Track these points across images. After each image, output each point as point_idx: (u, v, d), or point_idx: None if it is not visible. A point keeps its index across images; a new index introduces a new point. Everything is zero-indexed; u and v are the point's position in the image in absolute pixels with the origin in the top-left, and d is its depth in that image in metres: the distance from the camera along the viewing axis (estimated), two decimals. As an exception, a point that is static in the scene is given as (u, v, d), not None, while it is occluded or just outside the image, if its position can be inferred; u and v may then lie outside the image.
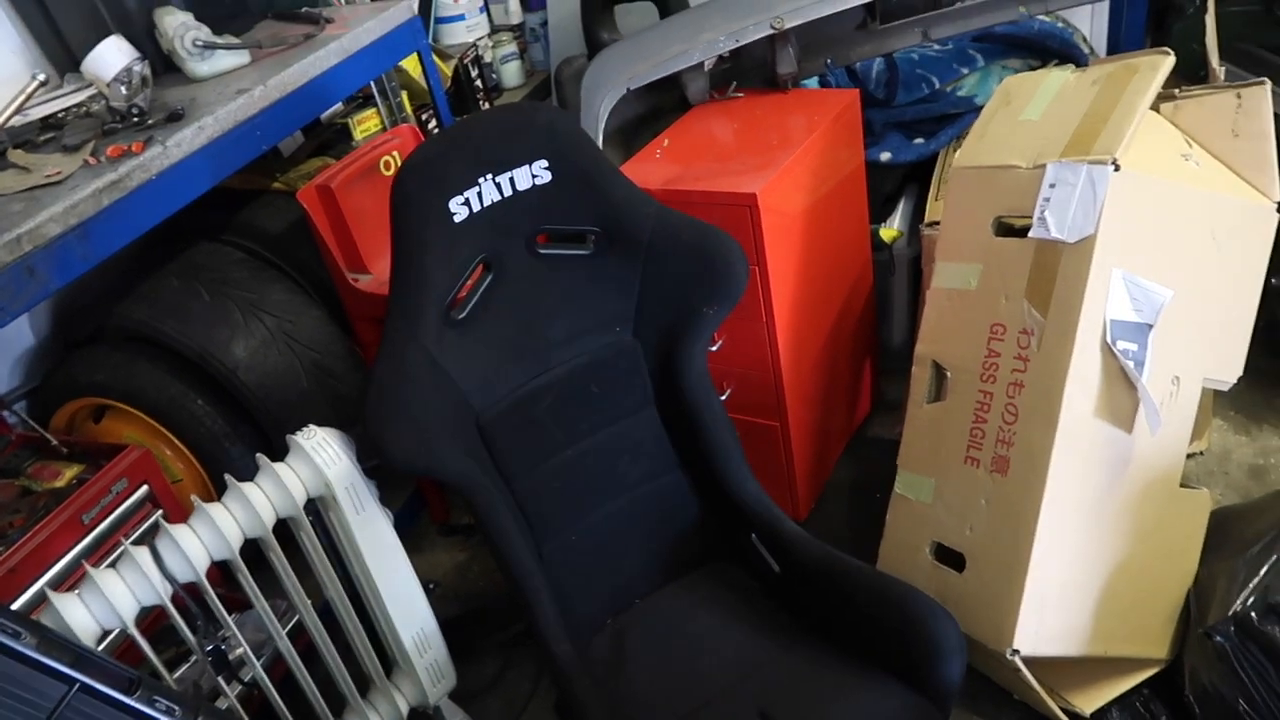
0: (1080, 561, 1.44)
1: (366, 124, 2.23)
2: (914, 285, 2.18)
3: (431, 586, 1.47)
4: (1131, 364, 1.40)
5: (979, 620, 1.44)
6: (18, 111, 1.55)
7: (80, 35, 1.73)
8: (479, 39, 2.82)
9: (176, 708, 0.85)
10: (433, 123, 2.35)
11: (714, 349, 1.72)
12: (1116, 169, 1.37)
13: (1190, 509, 1.55)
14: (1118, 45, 2.36)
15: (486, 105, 2.76)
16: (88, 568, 1.18)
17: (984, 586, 1.46)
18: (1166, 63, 1.50)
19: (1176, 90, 1.63)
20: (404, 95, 2.22)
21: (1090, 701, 1.49)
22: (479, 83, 2.73)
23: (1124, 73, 1.53)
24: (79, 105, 1.72)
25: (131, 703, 0.83)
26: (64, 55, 1.83)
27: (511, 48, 2.88)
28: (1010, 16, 2.02)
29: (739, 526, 1.48)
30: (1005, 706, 1.57)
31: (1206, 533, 1.54)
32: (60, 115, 1.69)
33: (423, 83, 2.23)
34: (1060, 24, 2.26)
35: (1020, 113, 1.60)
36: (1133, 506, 1.46)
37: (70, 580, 1.47)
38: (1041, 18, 2.18)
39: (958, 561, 1.52)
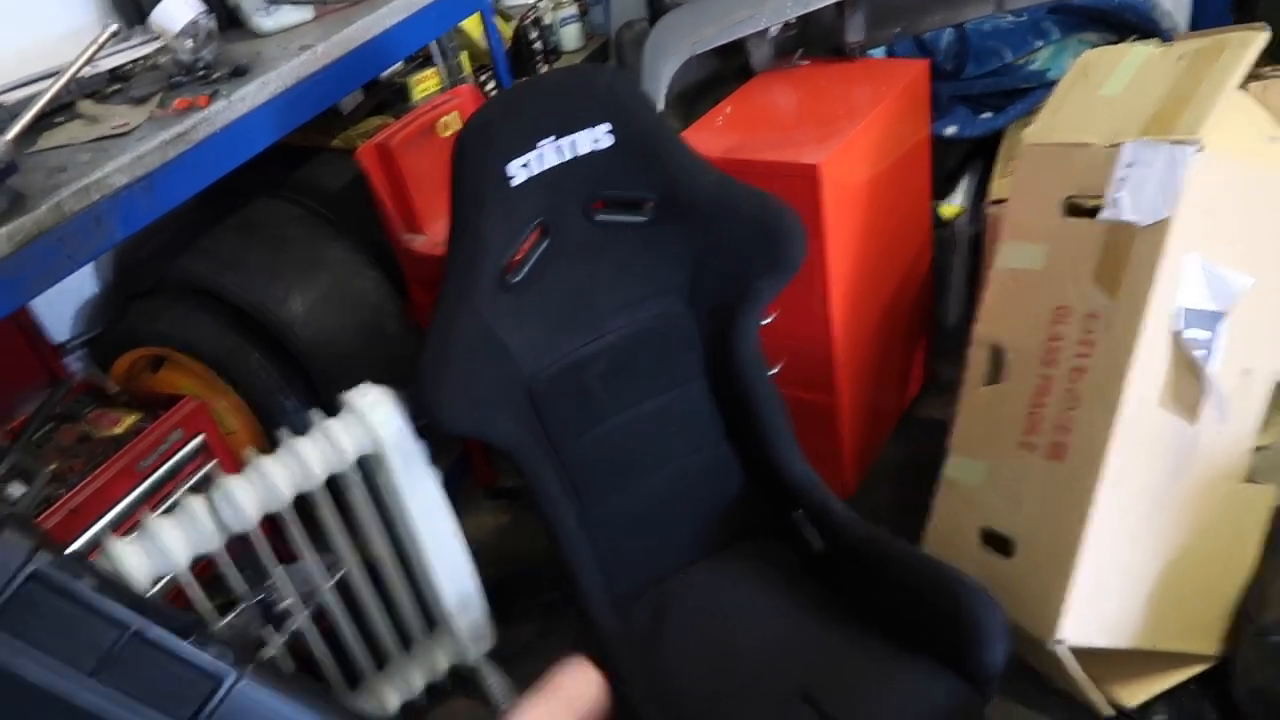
0: (1134, 552, 1.40)
1: (425, 84, 2.22)
2: (973, 264, 2.12)
3: (474, 548, 1.49)
4: (1201, 353, 1.35)
5: (1026, 607, 1.41)
6: (89, 61, 1.57)
7: (148, -13, 1.75)
8: (539, 0, 2.79)
9: (230, 653, 0.87)
10: (491, 84, 2.34)
11: (767, 322, 1.70)
12: (1200, 150, 1.32)
13: (1254, 505, 1.50)
14: (1200, 20, 2.27)
15: (545, 68, 2.73)
16: (146, 515, 1.20)
17: (1033, 573, 1.44)
18: (1259, 39, 1.43)
19: (1267, 69, 1.55)
20: (463, 56, 2.21)
21: (1135, 695, 1.47)
22: (538, 45, 2.71)
23: (1213, 49, 1.46)
24: (146, 58, 1.74)
25: (188, 647, 0.84)
26: (131, 7, 1.85)
27: (572, 10, 2.85)
28: (1090, -12, 1.95)
29: (784, 503, 1.46)
30: (1048, 695, 1.55)
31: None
32: (128, 67, 1.71)
33: (482, 43, 2.21)
34: (1141, -3, 2.17)
35: (1099, 88, 1.54)
36: (1193, 499, 1.42)
37: (124, 526, 1.51)
38: (1122, -10, 2.10)
39: (1005, 547, 1.50)
